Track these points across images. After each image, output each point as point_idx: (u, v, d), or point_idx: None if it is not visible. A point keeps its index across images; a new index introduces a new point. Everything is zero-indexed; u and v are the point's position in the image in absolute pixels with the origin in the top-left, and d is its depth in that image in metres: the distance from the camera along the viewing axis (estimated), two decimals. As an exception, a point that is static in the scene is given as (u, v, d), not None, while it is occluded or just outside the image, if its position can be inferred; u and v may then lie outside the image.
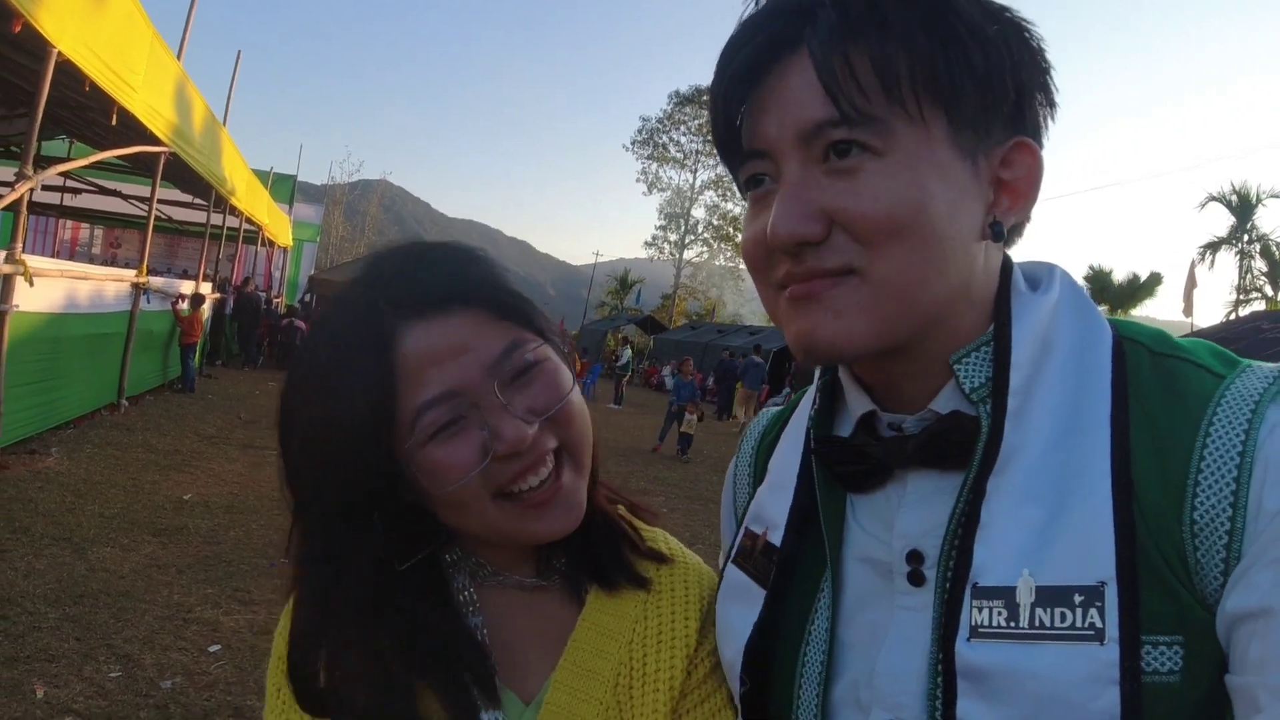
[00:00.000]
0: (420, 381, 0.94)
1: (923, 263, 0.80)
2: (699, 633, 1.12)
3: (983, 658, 0.77)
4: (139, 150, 11.20)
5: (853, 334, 0.82)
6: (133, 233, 29.83)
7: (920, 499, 0.89)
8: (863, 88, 0.79)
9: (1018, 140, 0.85)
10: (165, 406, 13.64)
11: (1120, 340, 0.86)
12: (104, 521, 7.22)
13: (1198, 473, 0.75)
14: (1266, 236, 45.40)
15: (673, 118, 71.18)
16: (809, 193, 0.82)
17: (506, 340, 0.98)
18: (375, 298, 0.97)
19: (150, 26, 9.70)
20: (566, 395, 1.00)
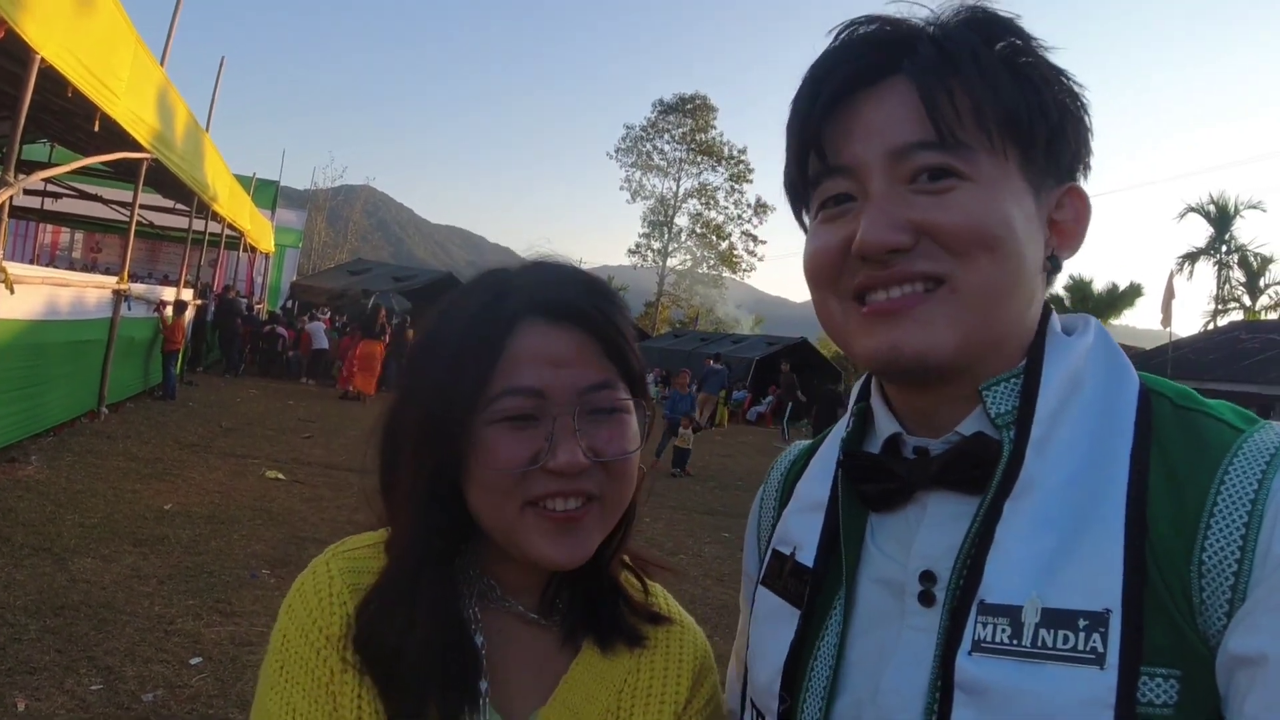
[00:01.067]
0: (519, 369, 1.00)
1: (1006, 277, 0.86)
2: (690, 691, 1.16)
3: (983, 672, 0.79)
4: (121, 156, 11.16)
5: (939, 344, 0.87)
6: (114, 238, 29.62)
7: (939, 522, 0.91)
8: (960, 116, 0.86)
9: (1072, 185, 0.93)
10: (146, 414, 13.55)
11: (1146, 390, 0.90)
12: (84, 531, 7.16)
13: (1210, 515, 0.78)
14: (1244, 247, 45.84)
15: (656, 125, 71.47)
16: (898, 207, 0.87)
17: (604, 376, 1.03)
18: (511, 291, 1.05)
19: (133, 32, 9.67)
20: (628, 453, 1.05)
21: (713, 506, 12.57)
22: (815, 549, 1.02)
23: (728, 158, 71.16)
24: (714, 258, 71.61)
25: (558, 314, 1.03)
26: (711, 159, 71.15)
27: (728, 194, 71.40)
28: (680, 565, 8.81)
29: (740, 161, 71.06)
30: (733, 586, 8.27)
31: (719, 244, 71.33)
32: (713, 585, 8.23)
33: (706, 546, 9.87)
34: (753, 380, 33.06)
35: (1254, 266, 45.61)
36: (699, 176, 71.60)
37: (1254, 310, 44.79)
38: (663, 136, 71.52)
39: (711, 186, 71.50)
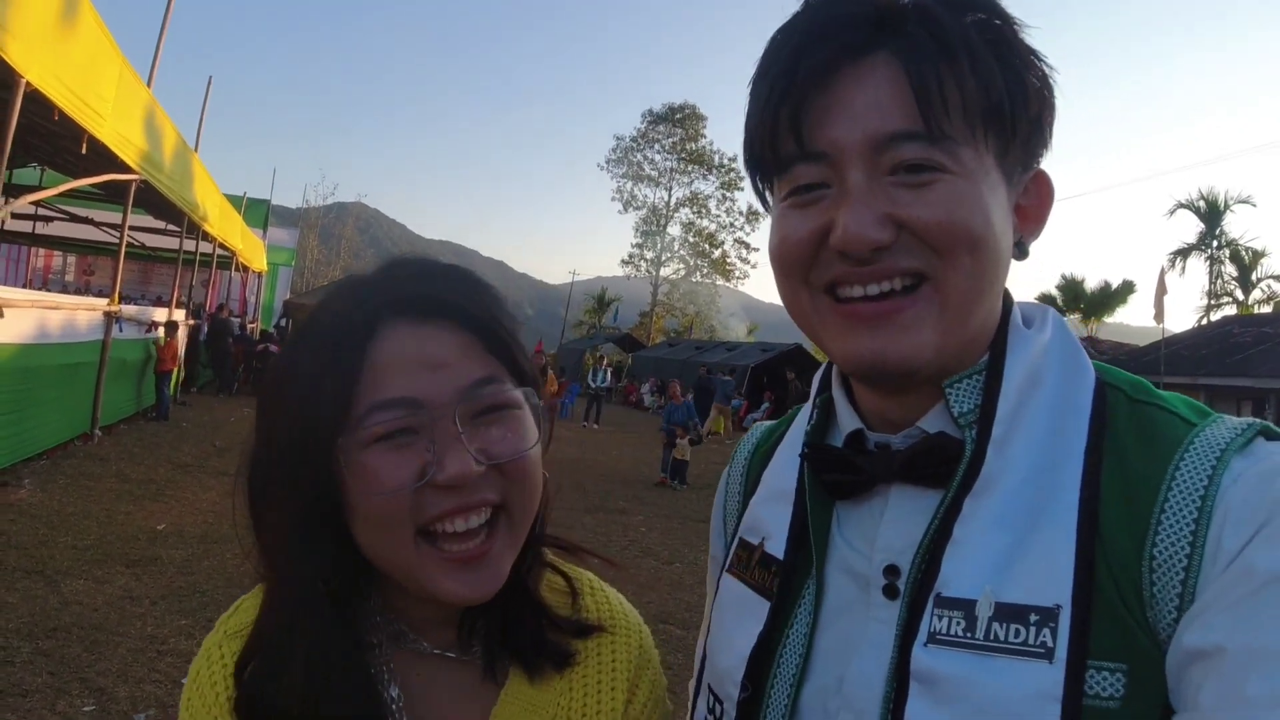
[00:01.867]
0: (385, 381, 0.90)
1: (985, 275, 0.86)
2: (627, 695, 1.11)
3: (937, 663, 0.81)
4: (110, 178, 11.17)
5: (923, 346, 0.86)
6: (105, 260, 29.59)
7: (901, 515, 0.92)
8: (948, 107, 0.83)
9: (1038, 171, 0.93)
10: (139, 435, 13.53)
11: (1102, 384, 0.90)
12: (77, 553, 7.15)
13: (1161, 512, 0.79)
14: (1235, 242, 45.99)
15: (646, 136, 71.67)
16: (878, 200, 0.84)
17: (485, 372, 0.94)
18: (368, 293, 0.95)
19: (119, 54, 9.69)
20: (525, 450, 0.95)
21: (708, 514, 12.46)
22: (785, 540, 1.01)
23: (718, 166, 71.36)
24: (707, 266, 71.73)
25: (423, 310, 0.93)
26: (702, 168, 71.37)
27: (719, 202, 71.63)
28: (676, 574, 8.81)
29: (731, 169, 71.19)
30: (728, 593, 8.26)
31: (712, 252, 71.46)
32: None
33: (702, 554, 9.80)
34: (748, 387, 33.07)
35: (1245, 261, 45.74)
36: (690, 185, 71.87)
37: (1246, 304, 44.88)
38: (653, 147, 71.79)
39: (703, 195, 71.74)
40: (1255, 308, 43.93)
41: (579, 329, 70.04)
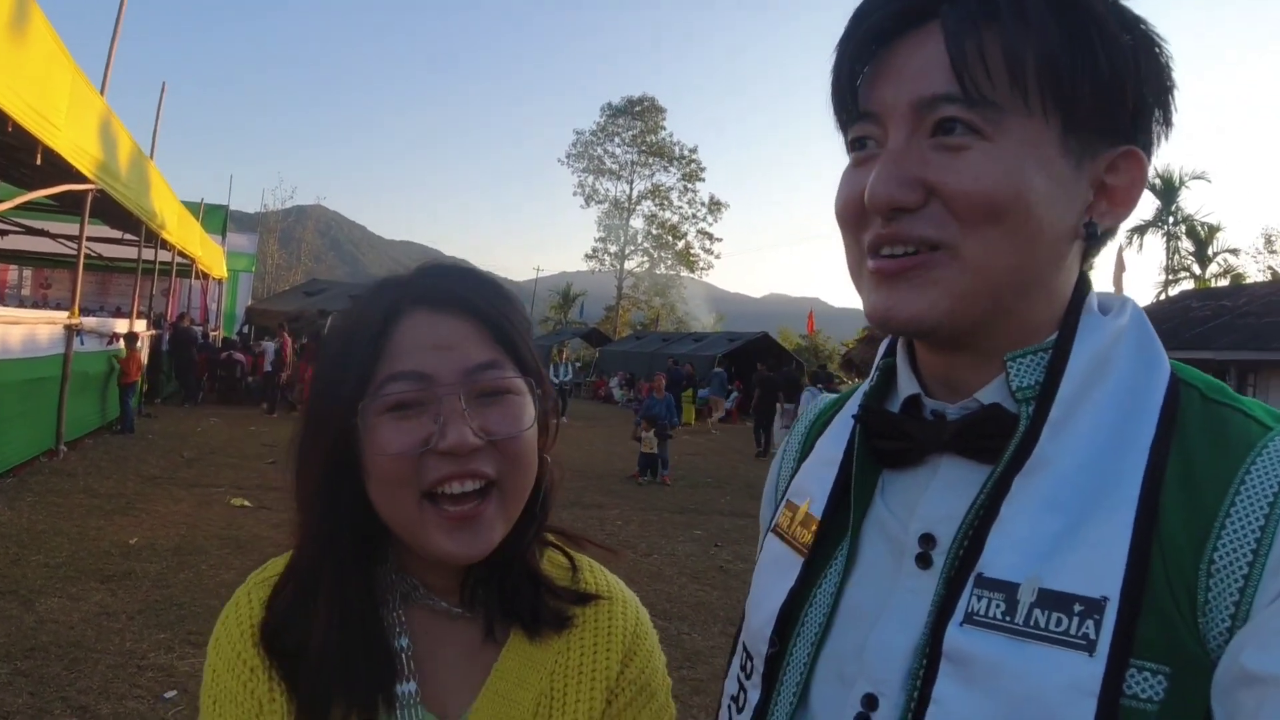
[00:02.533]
0: (401, 357, 1.02)
1: (1012, 248, 0.83)
2: (620, 663, 1.18)
3: (971, 644, 0.79)
4: (65, 189, 10.99)
5: (933, 308, 0.85)
6: (63, 272, 29.15)
7: (947, 485, 0.90)
8: (989, 71, 0.81)
9: (1128, 149, 0.86)
10: (106, 449, 13.35)
11: (1177, 381, 0.87)
12: (50, 571, 7.05)
13: (1226, 516, 0.76)
14: (1191, 217, 46.66)
15: (606, 130, 71.55)
16: (911, 161, 0.83)
17: (489, 358, 1.04)
18: (398, 286, 1.08)
19: (72, 63, 9.53)
20: (520, 431, 1.05)
21: (684, 505, 12.61)
22: (826, 500, 1.01)
23: (679, 158, 71.40)
24: (671, 258, 71.80)
25: (441, 302, 1.05)
26: (663, 160, 71.35)
27: (681, 193, 71.65)
28: (655, 566, 8.84)
29: (692, 161, 71.32)
30: (709, 584, 8.32)
31: (675, 244, 71.52)
32: (688, 583, 8.26)
33: (680, 545, 9.90)
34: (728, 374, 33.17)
35: (1201, 236, 46.44)
36: (651, 178, 71.80)
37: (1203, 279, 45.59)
38: (613, 140, 71.64)
39: (665, 187, 71.68)
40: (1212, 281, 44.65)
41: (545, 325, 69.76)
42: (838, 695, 0.91)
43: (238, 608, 1.12)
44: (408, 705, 1.05)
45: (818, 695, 0.94)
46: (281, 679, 1.05)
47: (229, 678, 1.07)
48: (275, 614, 1.08)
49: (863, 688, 0.88)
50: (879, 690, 0.86)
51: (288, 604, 1.08)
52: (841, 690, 0.91)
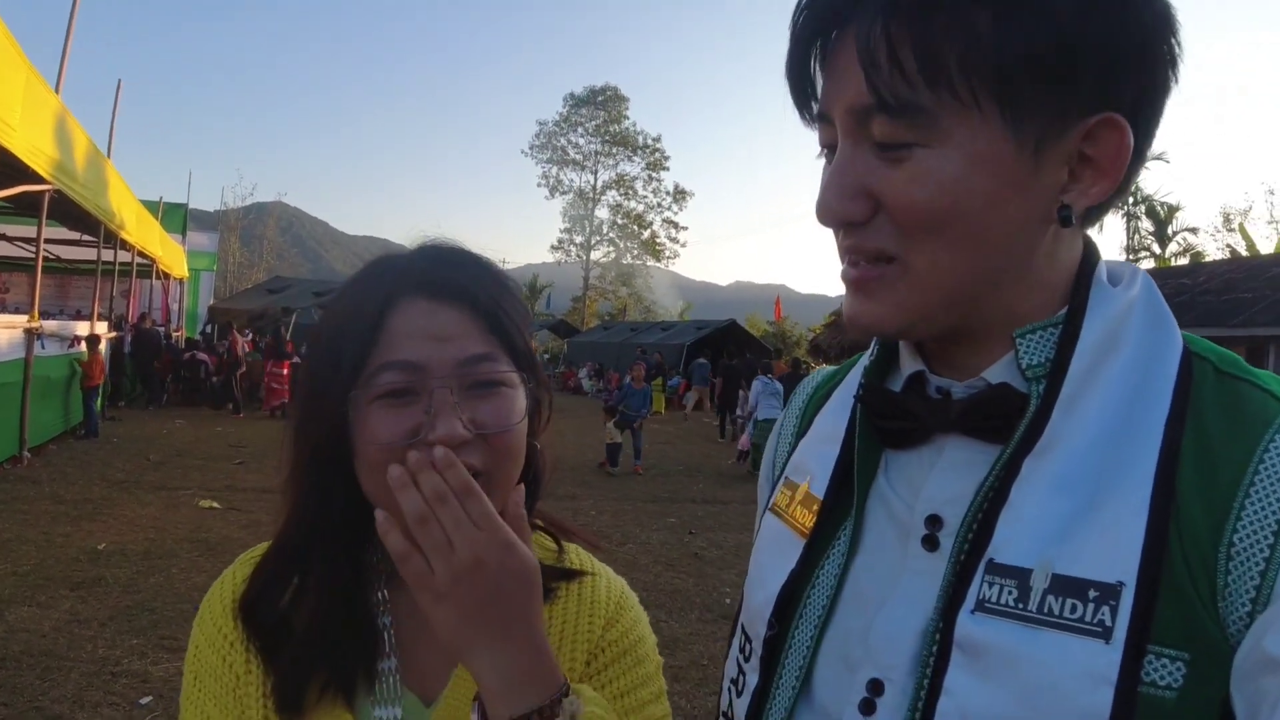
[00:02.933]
0: (395, 346, 1.01)
1: (956, 258, 0.80)
2: (603, 628, 1.18)
3: (983, 632, 0.76)
4: (22, 190, 10.81)
5: (887, 319, 0.84)
6: (20, 276, 28.65)
7: (953, 466, 0.87)
8: (905, 74, 0.75)
9: (1103, 116, 0.78)
10: (70, 454, 13.17)
11: (1190, 354, 0.83)
12: (18, 580, 6.95)
13: (1245, 496, 0.73)
14: (1151, 197, 47.14)
15: (569, 119, 71.38)
16: (856, 172, 0.80)
17: (484, 349, 1.04)
18: (394, 270, 1.07)
19: (25, 61, 9.37)
20: (511, 425, 1.04)
21: (656, 494, 12.64)
22: (828, 479, 0.98)
23: (643, 147, 71.45)
24: (637, 247, 71.78)
25: (437, 291, 1.04)
26: (627, 149, 71.38)
27: (645, 183, 71.79)
28: (630, 555, 8.86)
29: (656, 150, 71.42)
30: (683, 571, 8.35)
31: (641, 233, 71.51)
32: (663, 571, 8.29)
33: (654, 534, 9.93)
34: (685, 366, 33.25)
35: (1161, 215, 46.93)
36: (616, 168, 71.87)
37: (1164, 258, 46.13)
38: (576, 130, 71.61)
39: (629, 176, 71.78)
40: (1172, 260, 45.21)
41: (512, 317, 69.49)
42: (842, 679, 0.89)
43: (222, 584, 1.14)
44: (387, 681, 1.07)
45: (821, 679, 0.92)
46: (259, 651, 1.06)
47: (209, 652, 1.09)
48: (255, 588, 1.09)
49: (868, 673, 0.85)
50: (885, 676, 0.84)
51: (268, 580, 1.09)
52: (846, 674, 0.88)
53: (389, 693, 1.06)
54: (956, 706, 0.77)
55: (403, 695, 1.07)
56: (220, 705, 1.05)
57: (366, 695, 1.06)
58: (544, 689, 0.93)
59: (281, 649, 1.05)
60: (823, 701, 0.91)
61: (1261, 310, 20.42)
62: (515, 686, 0.92)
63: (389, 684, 1.07)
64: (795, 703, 0.93)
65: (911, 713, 0.81)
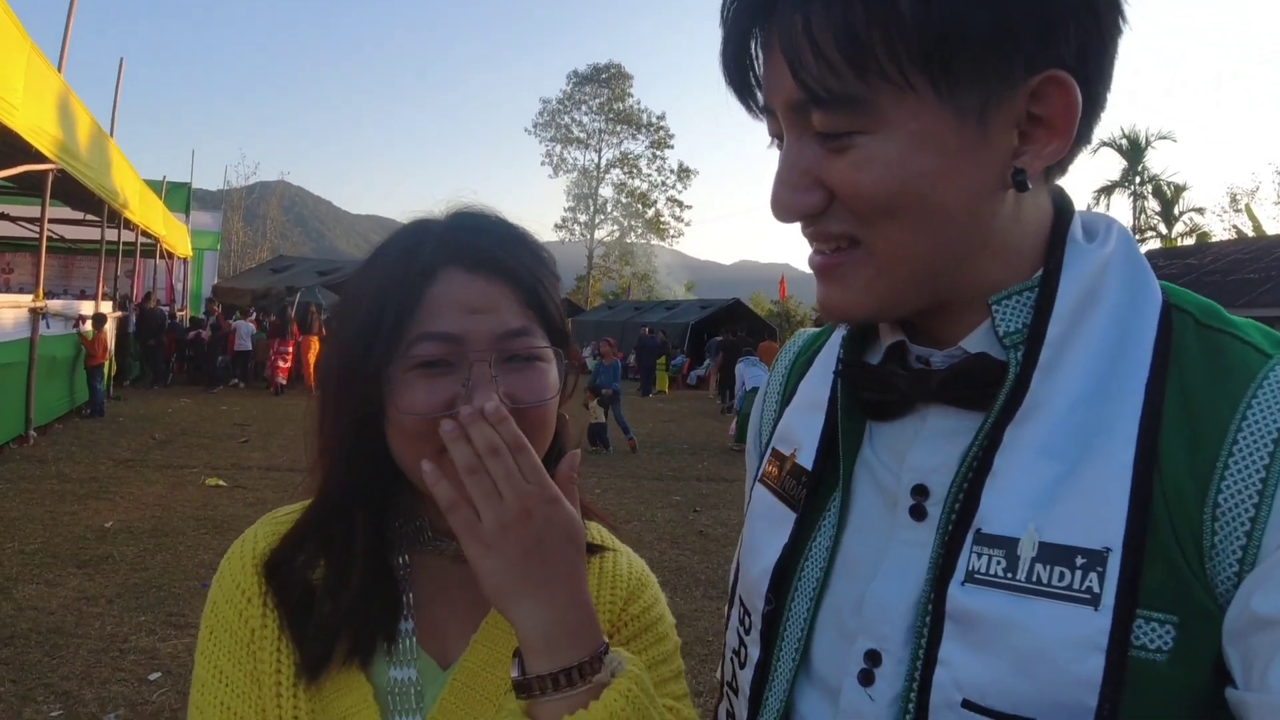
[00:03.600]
0: (436, 316, 1.01)
1: (915, 239, 0.79)
2: (624, 603, 1.18)
3: (974, 603, 0.77)
4: (25, 169, 10.79)
5: (859, 304, 0.84)
6: (24, 256, 28.65)
7: (936, 435, 0.87)
8: (830, 65, 0.73)
9: (1045, 75, 0.75)
10: (76, 433, 13.21)
11: (1169, 307, 0.82)
12: (25, 558, 6.99)
13: (1229, 454, 0.72)
14: (1157, 177, 46.86)
15: (573, 97, 70.91)
16: (804, 164, 0.80)
17: (522, 323, 1.04)
18: (433, 239, 1.06)
19: (27, 39, 9.33)
20: (546, 399, 1.05)
21: (661, 473, 12.66)
22: (815, 449, 0.98)
23: (647, 125, 70.98)
24: (641, 226, 71.58)
25: (476, 262, 1.04)
26: (631, 127, 70.91)
27: (650, 161, 71.30)
28: (635, 532, 8.87)
29: (660, 128, 70.95)
30: (688, 549, 8.37)
31: (645, 212, 71.29)
32: (668, 549, 8.31)
33: (659, 512, 9.95)
34: (689, 345, 33.25)
35: (1168, 195, 46.64)
36: (620, 146, 71.36)
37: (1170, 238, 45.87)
38: (580, 108, 71.04)
39: (633, 155, 71.29)
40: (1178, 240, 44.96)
41: (516, 297, 69.34)
42: (840, 651, 0.89)
43: (243, 542, 1.14)
44: (405, 643, 1.08)
45: (819, 651, 0.93)
46: (275, 607, 1.07)
47: (226, 608, 1.09)
48: (285, 548, 1.09)
49: (865, 644, 0.86)
50: (881, 646, 0.85)
51: (299, 541, 1.10)
52: (843, 646, 0.89)
53: (405, 654, 1.07)
54: (952, 677, 0.78)
55: (418, 657, 1.08)
56: (234, 659, 1.06)
57: (384, 656, 1.06)
58: (586, 645, 0.94)
59: (302, 610, 1.06)
60: (822, 673, 0.92)
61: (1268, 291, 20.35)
62: (557, 641, 0.93)
63: (406, 645, 1.08)
64: (796, 675, 0.94)
65: (909, 683, 0.82)
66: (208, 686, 1.05)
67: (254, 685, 1.04)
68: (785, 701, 0.94)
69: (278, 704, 1.03)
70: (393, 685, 1.06)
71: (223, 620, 1.08)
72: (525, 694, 0.93)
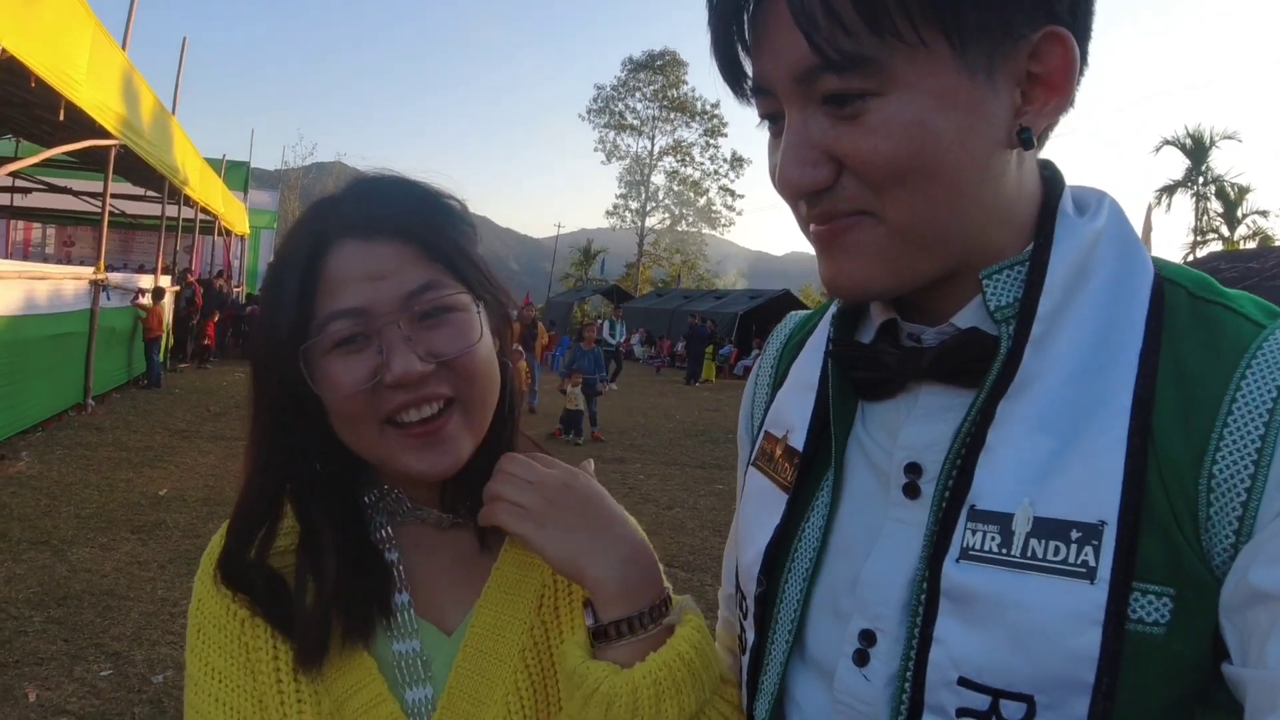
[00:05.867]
0: (337, 294, 0.99)
1: (933, 204, 0.77)
2: None
3: (969, 580, 0.76)
4: (89, 145, 11.02)
5: (872, 277, 0.81)
6: (85, 230, 29.29)
7: (928, 413, 0.86)
8: (845, 25, 0.72)
9: (1046, 31, 0.75)
10: (133, 403, 13.51)
11: (1161, 280, 0.81)
12: (81, 522, 7.17)
13: (1224, 426, 0.71)
14: (1221, 178, 45.79)
15: (627, 84, 70.74)
16: (812, 137, 0.78)
17: (425, 279, 1.01)
18: (323, 217, 1.04)
19: (92, 17, 9.52)
20: (469, 346, 1.02)
21: (704, 460, 12.64)
22: (806, 431, 0.97)
23: (701, 113, 70.61)
24: (692, 215, 71.37)
25: (367, 228, 1.01)
26: (685, 115, 70.62)
27: (703, 149, 70.98)
28: (677, 519, 8.90)
29: (714, 116, 70.53)
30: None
31: (697, 200, 71.07)
32: (710, 536, 8.30)
33: (702, 499, 9.94)
34: (738, 334, 33.15)
35: (1231, 197, 45.53)
36: (673, 134, 71.08)
37: (1232, 240, 44.81)
38: (634, 95, 70.86)
39: (686, 143, 71.00)
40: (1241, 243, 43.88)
41: (566, 282, 69.70)
42: (834, 631, 0.89)
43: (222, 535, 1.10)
44: (403, 615, 1.07)
45: (813, 632, 0.92)
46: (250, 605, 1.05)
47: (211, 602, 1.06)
48: (229, 548, 1.06)
49: (859, 623, 0.86)
50: (876, 626, 0.84)
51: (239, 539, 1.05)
52: (837, 626, 0.89)
53: (405, 626, 1.07)
54: (948, 655, 0.77)
55: (419, 628, 1.08)
56: (225, 653, 1.04)
57: (384, 632, 1.06)
58: (654, 590, 1.01)
59: (279, 601, 1.04)
60: (815, 654, 0.92)
61: (1334, 292, 19.79)
62: (631, 587, 0.99)
63: (405, 618, 1.07)
64: (789, 657, 0.93)
65: (904, 662, 0.81)
66: (202, 685, 1.03)
67: (249, 677, 1.03)
68: (779, 685, 0.93)
69: (278, 690, 1.02)
70: (397, 659, 1.05)
71: (210, 615, 1.06)
72: (603, 639, 0.98)
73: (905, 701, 0.80)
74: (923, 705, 0.78)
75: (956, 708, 0.76)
